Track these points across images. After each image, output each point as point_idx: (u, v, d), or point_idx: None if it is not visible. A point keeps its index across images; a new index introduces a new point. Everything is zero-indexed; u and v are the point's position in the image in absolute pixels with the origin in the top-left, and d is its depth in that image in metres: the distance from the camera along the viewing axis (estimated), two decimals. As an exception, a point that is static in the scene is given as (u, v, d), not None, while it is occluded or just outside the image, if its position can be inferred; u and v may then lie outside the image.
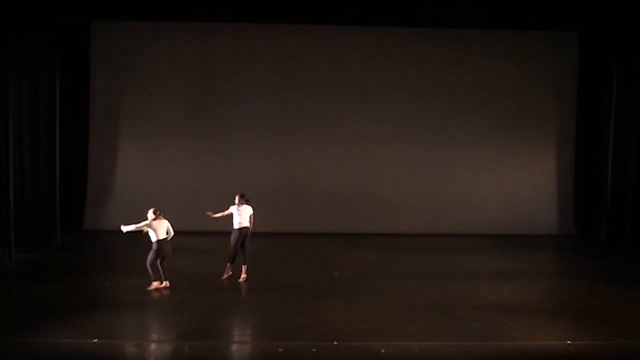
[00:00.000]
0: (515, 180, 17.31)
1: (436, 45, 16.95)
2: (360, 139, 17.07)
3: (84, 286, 10.89)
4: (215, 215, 11.70)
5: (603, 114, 16.31)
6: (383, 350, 8.17)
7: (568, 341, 8.65)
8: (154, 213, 10.77)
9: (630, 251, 14.99)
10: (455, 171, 17.22)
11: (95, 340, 8.52)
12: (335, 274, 12.41)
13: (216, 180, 16.59)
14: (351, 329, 8.93)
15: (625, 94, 15.49)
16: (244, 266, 11.63)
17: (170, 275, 11.95)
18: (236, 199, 11.64)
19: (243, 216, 11.58)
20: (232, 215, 11.60)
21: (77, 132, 16.51)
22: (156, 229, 10.72)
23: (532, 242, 16.13)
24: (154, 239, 10.74)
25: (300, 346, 8.29)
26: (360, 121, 17.04)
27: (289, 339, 8.54)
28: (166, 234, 10.84)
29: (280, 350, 8.14)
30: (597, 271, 13.33)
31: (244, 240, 11.58)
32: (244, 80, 16.90)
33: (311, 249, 15.05)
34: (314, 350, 8.14)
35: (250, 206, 11.70)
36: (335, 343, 8.36)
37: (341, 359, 8.09)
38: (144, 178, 16.73)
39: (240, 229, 11.55)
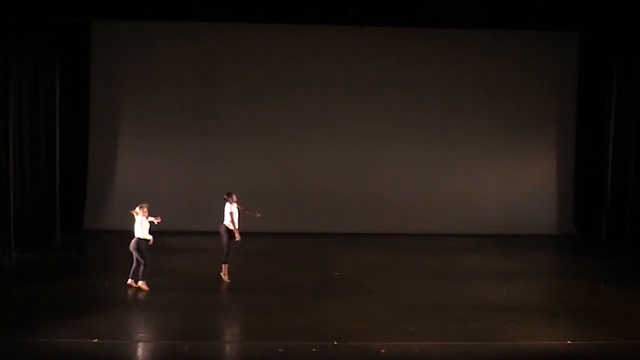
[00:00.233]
0: (515, 180, 17.31)
1: (436, 45, 16.95)
2: (360, 138, 17.07)
3: (84, 286, 10.89)
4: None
5: (603, 114, 16.31)
6: (383, 350, 8.17)
7: (568, 341, 8.65)
8: (141, 209, 10.75)
9: (630, 251, 14.98)
10: (455, 171, 17.22)
11: (95, 340, 8.53)
12: (335, 274, 12.41)
13: (216, 180, 16.56)
14: (351, 329, 8.94)
15: (625, 94, 15.49)
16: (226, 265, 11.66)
17: (171, 275, 12.00)
18: (234, 197, 11.61)
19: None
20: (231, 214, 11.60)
21: (77, 132, 16.51)
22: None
23: (532, 242, 16.13)
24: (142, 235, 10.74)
25: (300, 346, 8.30)
26: (360, 121, 17.04)
27: (289, 339, 8.54)
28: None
29: (280, 350, 8.14)
30: (597, 271, 13.33)
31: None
32: (244, 80, 16.89)
33: (311, 249, 15.04)
34: (314, 350, 8.14)
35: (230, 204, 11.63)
36: (335, 343, 8.36)
37: (341, 359, 8.09)
38: (144, 178, 16.71)
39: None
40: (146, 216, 10.80)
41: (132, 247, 10.76)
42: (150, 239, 10.79)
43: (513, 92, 17.17)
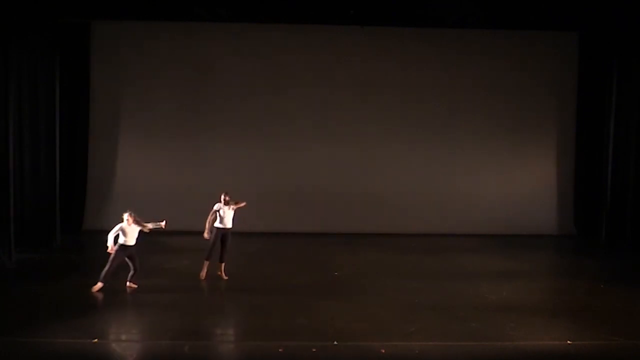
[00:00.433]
0: (515, 180, 17.31)
1: (436, 45, 16.95)
2: (360, 138, 17.07)
3: (84, 286, 10.87)
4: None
5: (603, 114, 16.31)
6: (383, 350, 8.17)
7: (568, 341, 8.65)
8: (130, 216, 10.74)
9: (630, 251, 14.98)
10: (455, 171, 17.22)
11: (95, 340, 8.53)
12: (335, 274, 12.41)
13: (216, 180, 16.56)
14: (351, 329, 8.94)
15: (625, 94, 15.48)
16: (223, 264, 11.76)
17: (171, 275, 12.00)
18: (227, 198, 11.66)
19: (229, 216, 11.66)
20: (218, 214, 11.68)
21: (77, 132, 16.51)
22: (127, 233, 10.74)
23: (532, 242, 16.13)
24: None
25: (300, 346, 8.29)
26: (360, 121, 17.04)
27: (289, 339, 8.54)
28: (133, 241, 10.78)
29: (280, 350, 8.14)
30: (597, 271, 13.33)
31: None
32: (244, 80, 16.90)
33: (311, 249, 15.04)
34: (314, 350, 8.14)
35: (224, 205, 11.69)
36: (335, 343, 8.36)
37: (341, 359, 8.09)
38: (144, 178, 16.73)
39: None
40: (131, 222, 10.74)
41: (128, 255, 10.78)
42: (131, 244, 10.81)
43: (513, 92, 17.17)
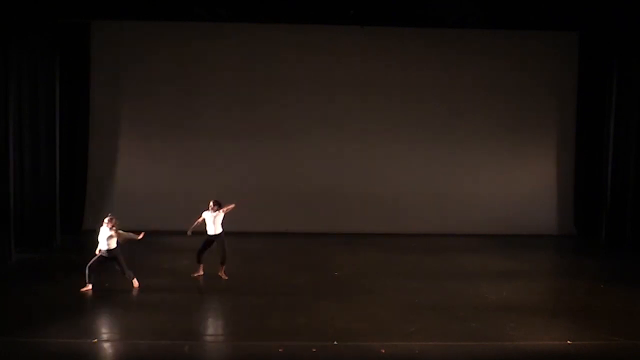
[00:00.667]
0: (515, 180, 17.30)
1: (436, 45, 16.94)
2: (360, 138, 17.06)
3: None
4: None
5: (603, 114, 16.30)
6: (383, 350, 8.17)
7: (568, 341, 8.66)
8: (110, 221, 10.74)
9: (630, 251, 14.98)
10: (455, 171, 17.21)
11: (95, 340, 8.53)
12: (335, 274, 12.41)
13: (216, 180, 16.58)
14: (351, 329, 8.94)
15: (625, 94, 15.48)
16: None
17: (171, 275, 12.00)
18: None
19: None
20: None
21: (77, 132, 16.50)
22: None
23: (532, 242, 16.13)
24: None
25: (300, 346, 8.30)
26: (360, 121, 17.04)
27: (289, 339, 8.55)
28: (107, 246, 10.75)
29: (280, 350, 8.14)
30: (597, 271, 13.34)
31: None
32: (244, 80, 16.89)
33: (311, 249, 15.03)
34: (314, 350, 8.15)
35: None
36: (335, 343, 8.37)
37: (341, 359, 8.09)
38: (143, 178, 16.73)
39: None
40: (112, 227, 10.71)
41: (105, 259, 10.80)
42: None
43: (513, 92, 17.16)
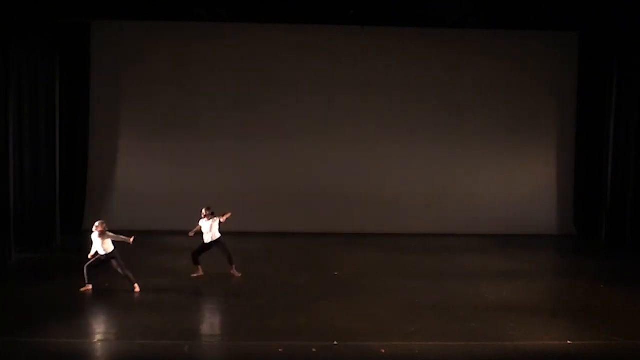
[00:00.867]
0: (515, 180, 17.30)
1: (436, 45, 16.94)
2: (360, 139, 17.06)
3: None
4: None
5: (603, 114, 16.31)
6: (383, 350, 8.17)
7: (568, 341, 8.65)
8: (100, 225, 10.70)
9: (630, 251, 14.98)
10: (455, 171, 17.21)
11: (95, 340, 8.53)
12: (335, 274, 12.41)
13: (217, 180, 16.61)
14: (351, 329, 8.94)
15: (625, 94, 15.48)
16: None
17: (171, 275, 12.00)
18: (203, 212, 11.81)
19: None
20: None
21: (77, 132, 16.51)
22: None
23: (532, 242, 16.13)
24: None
25: (300, 346, 8.30)
26: (360, 121, 17.04)
27: (289, 339, 8.55)
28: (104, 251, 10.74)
29: (280, 350, 8.14)
30: (597, 271, 13.34)
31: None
32: (244, 80, 16.89)
33: (311, 249, 15.03)
34: (314, 350, 8.14)
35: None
36: (335, 343, 8.36)
37: (341, 359, 8.09)
38: (144, 178, 16.74)
39: None
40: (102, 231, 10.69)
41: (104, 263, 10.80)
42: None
43: (513, 92, 17.17)
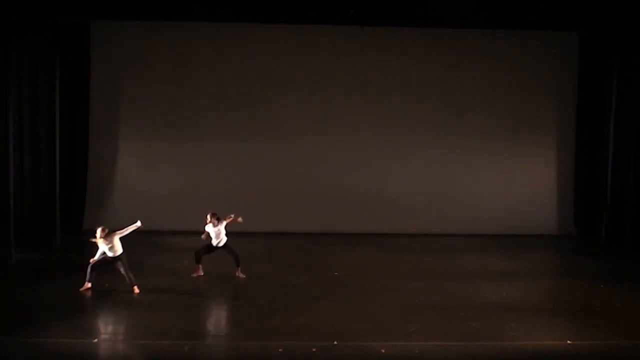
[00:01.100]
0: (515, 180, 17.29)
1: (436, 45, 16.92)
2: (360, 138, 17.05)
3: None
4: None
5: (603, 114, 16.29)
6: (383, 350, 8.17)
7: (568, 341, 8.66)
8: (102, 231, 10.69)
9: (630, 251, 14.97)
10: (455, 171, 17.20)
11: (95, 340, 8.54)
12: (335, 274, 12.41)
13: (217, 180, 16.61)
14: (351, 329, 8.94)
15: (625, 94, 15.47)
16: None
17: (171, 275, 12.01)
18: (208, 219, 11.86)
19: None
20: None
21: (77, 132, 16.50)
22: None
23: (532, 242, 16.12)
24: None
25: (300, 346, 8.30)
26: (360, 121, 17.02)
27: (289, 339, 8.55)
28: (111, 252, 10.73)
29: (280, 350, 8.14)
30: (597, 271, 13.33)
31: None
32: (244, 80, 16.88)
33: (311, 249, 15.03)
34: (314, 350, 8.14)
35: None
36: (335, 343, 8.37)
37: (341, 359, 8.09)
38: (144, 178, 16.73)
39: None
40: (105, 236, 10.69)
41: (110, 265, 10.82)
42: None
43: (513, 92, 17.15)
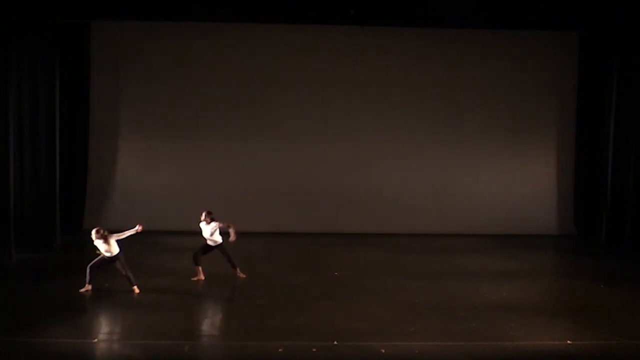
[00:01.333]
0: (515, 180, 17.29)
1: (436, 45, 16.92)
2: (360, 139, 17.05)
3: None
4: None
5: (603, 114, 16.30)
6: (383, 350, 8.17)
7: (568, 341, 8.65)
8: (97, 232, 10.62)
9: (630, 251, 14.97)
10: (455, 171, 17.20)
11: (95, 340, 8.53)
12: (335, 274, 12.40)
13: (216, 180, 16.61)
14: (351, 329, 8.93)
15: (625, 94, 15.46)
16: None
17: (171, 275, 12.00)
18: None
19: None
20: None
21: (77, 132, 16.50)
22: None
23: (532, 242, 16.12)
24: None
25: (300, 346, 8.30)
26: (360, 121, 17.02)
27: (289, 339, 8.55)
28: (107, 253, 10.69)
29: (280, 350, 8.14)
30: (597, 271, 13.33)
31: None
32: (244, 80, 16.88)
33: (311, 249, 15.03)
34: (314, 350, 8.14)
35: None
36: (335, 343, 8.36)
37: (341, 359, 8.09)
38: (144, 178, 16.74)
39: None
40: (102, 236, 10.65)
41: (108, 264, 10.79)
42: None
43: (513, 92, 17.15)
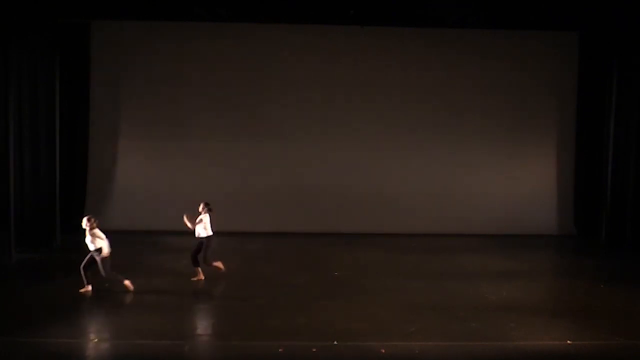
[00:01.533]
0: (515, 180, 17.29)
1: (436, 45, 16.93)
2: (360, 139, 17.06)
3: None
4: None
5: (603, 114, 16.31)
6: (383, 350, 8.17)
7: (568, 341, 8.65)
8: (88, 220, 10.58)
9: (630, 251, 14.98)
10: (455, 171, 17.21)
11: (95, 340, 8.53)
12: (335, 274, 12.41)
13: (216, 180, 16.60)
14: (351, 329, 8.94)
15: (625, 94, 15.48)
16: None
17: (171, 275, 12.00)
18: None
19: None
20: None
21: (77, 132, 16.51)
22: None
23: (532, 242, 16.13)
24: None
25: (300, 346, 8.30)
26: (360, 121, 17.03)
27: (289, 339, 8.55)
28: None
29: (280, 350, 8.14)
30: (597, 271, 13.34)
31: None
32: (244, 80, 16.89)
33: (311, 249, 15.03)
34: (314, 350, 8.14)
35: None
36: (335, 343, 8.36)
37: (341, 359, 8.09)
38: (143, 178, 16.74)
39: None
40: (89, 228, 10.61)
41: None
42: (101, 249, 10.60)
43: (513, 92, 17.16)
